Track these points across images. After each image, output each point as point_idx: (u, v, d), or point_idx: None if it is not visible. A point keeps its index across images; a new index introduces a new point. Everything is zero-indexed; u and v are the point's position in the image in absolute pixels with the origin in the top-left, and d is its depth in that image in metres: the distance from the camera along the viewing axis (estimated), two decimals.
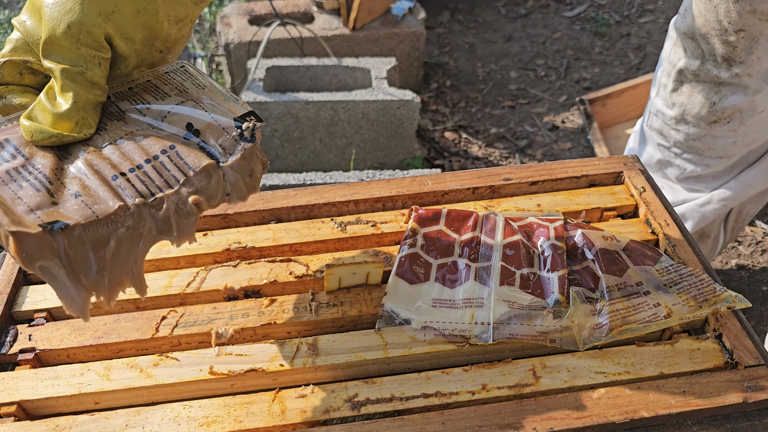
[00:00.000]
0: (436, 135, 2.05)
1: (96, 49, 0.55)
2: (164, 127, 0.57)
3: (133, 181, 0.53)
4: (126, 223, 0.52)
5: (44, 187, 0.51)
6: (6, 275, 0.71)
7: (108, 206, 0.51)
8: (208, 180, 0.55)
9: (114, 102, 0.59)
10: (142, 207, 0.52)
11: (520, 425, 0.57)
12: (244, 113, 0.57)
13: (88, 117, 0.56)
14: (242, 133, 0.56)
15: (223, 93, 0.60)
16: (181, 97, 0.58)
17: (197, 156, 0.55)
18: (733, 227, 1.34)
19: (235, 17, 2.06)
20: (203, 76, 0.61)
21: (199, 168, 0.54)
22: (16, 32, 0.59)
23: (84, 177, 0.53)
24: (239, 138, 0.56)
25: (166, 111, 0.58)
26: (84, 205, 0.51)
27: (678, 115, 1.18)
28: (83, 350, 0.65)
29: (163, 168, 0.54)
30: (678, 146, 1.22)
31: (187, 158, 0.55)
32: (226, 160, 0.56)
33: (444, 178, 0.82)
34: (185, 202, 0.54)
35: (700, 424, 0.59)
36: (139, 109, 0.58)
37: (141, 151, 0.55)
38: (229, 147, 0.56)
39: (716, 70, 1.09)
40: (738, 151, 1.19)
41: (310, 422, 0.58)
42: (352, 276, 0.68)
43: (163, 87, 0.60)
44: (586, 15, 2.57)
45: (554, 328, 0.63)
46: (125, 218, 0.52)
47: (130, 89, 0.60)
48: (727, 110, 1.12)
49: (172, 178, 0.54)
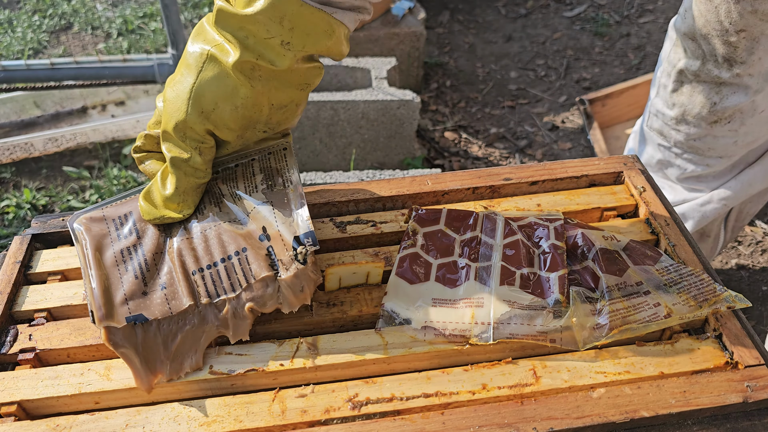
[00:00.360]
0: (436, 135, 2.05)
1: (199, 141, 0.64)
2: (247, 222, 0.65)
3: (206, 278, 0.62)
4: (193, 321, 0.61)
5: (142, 274, 0.63)
6: (6, 275, 0.71)
7: (182, 303, 0.61)
8: (265, 290, 0.61)
9: (216, 182, 0.69)
10: (208, 307, 0.61)
11: (520, 425, 0.57)
12: (305, 232, 0.63)
13: (189, 199, 0.66)
14: (296, 255, 0.62)
15: (299, 197, 0.65)
16: (265, 196, 0.66)
17: (260, 264, 0.62)
18: (733, 227, 1.34)
19: None
20: (293, 169, 0.67)
21: (260, 277, 0.61)
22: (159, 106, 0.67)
23: (172, 268, 0.63)
24: (294, 258, 0.62)
25: (252, 207, 0.66)
26: (165, 300, 0.61)
27: (678, 116, 1.18)
28: (83, 350, 0.65)
29: (233, 270, 0.62)
30: (678, 146, 1.22)
31: (252, 264, 0.62)
32: (282, 274, 0.61)
33: (444, 178, 0.82)
34: (242, 306, 0.61)
35: (700, 424, 0.59)
36: (233, 197, 0.67)
37: (220, 248, 0.63)
38: (287, 263, 0.62)
39: (717, 70, 1.09)
40: (738, 150, 1.18)
41: (310, 422, 0.58)
42: (352, 276, 0.68)
43: (256, 177, 0.68)
44: (586, 15, 2.57)
45: (554, 328, 0.63)
46: (193, 316, 0.61)
47: (233, 168, 0.69)
48: (728, 110, 1.12)
49: (236, 281, 0.62)
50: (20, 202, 1.79)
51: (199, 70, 0.62)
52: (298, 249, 0.62)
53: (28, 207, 1.79)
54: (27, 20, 2.62)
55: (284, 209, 0.65)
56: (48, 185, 1.87)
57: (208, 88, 0.62)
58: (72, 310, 0.69)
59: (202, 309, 0.61)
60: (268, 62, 0.61)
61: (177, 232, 0.66)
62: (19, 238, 0.75)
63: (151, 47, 2.44)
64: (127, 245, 0.65)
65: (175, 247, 0.64)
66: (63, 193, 1.84)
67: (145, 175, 0.71)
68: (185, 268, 0.63)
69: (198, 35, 0.63)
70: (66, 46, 2.50)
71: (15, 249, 0.74)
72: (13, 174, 1.91)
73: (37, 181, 1.89)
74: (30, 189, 1.83)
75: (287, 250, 0.62)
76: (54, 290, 0.70)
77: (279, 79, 0.63)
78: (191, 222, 0.66)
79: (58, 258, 0.74)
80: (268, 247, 0.63)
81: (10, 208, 1.78)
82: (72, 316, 0.69)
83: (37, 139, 1.89)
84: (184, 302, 0.61)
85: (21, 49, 2.45)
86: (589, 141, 1.96)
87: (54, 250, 0.75)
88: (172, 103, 0.63)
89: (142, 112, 2.01)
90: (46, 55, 2.45)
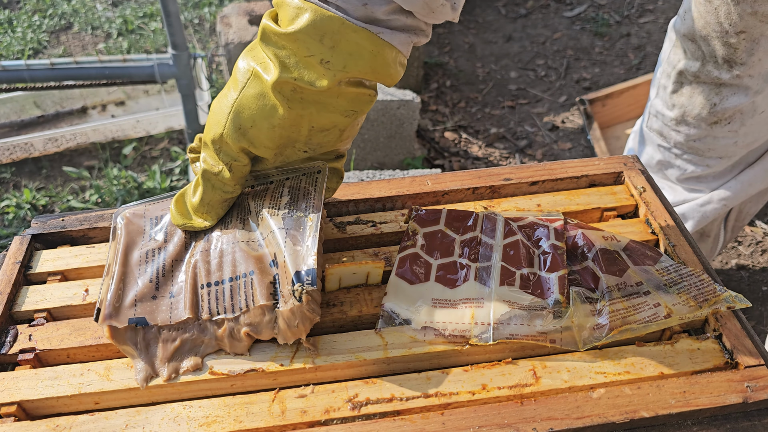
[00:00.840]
0: (436, 135, 2.05)
1: (232, 158, 0.64)
2: (263, 244, 0.65)
3: (211, 294, 0.64)
4: (192, 331, 0.62)
5: (157, 278, 0.65)
6: (6, 275, 0.71)
7: (182, 315, 0.62)
8: (262, 317, 0.61)
9: (248, 197, 0.70)
10: (207, 322, 0.62)
11: (520, 425, 0.57)
12: (306, 269, 0.62)
13: (213, 211, 0.67)
14: (293, 291, 0.61)
15: (314, 229, 0.65)
16: (284, 221, 0.66)
17: (262, 292, 0.62)
18: (733, 226, 1.34)
19: (235, 17, 2.06)
20: (320, 196, 0.67)
21: (258, 305, 0.62)
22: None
23: (186, 278, 0.65)
24: (292, 293, 0.61)
25: (269, 230, 0.66)
26: (169, 308, 0.63)
27: (678, 117, 1.18)
28: (83, 350, 0.65)
29: (237, 291, 0.63)
30: (678, 147, 1.22)
31: (255, 289, 0.63)
32: (281, 306, 0.61)
33: (444, 178, 0.82)
34: (239, 330, 0.62)
35: (700, 424, 0.59)
36: (257, 215, 0.68)
37: (232, 266, 0.65)
38: (287, 296, 0.62)
39: (717, 71, 1.09)
40: (738, 151, 1.19)
41: (310, 422, 0.58)
42: (352, 276, 0.68)
43: (283, 198, 0.68)
44: (586, 15, 2.57)
45: (554, 329, 0.63)
46: (193, 327, 0.62)
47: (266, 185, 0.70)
48: (728, 111, 1.12)
49: (238, 303, 0.63)
50: (20, 202, 1.79)
51: (243, 87, 0.61)
52: (296, 286, 0.61)
53: (28, 207, 1.79)
54: (27, 20, 2.62)
55: (296, 239, 0.64)
56: (48, 185, 1.87)
57: (248, 105, 0.61)
58: (72, 311, 0.69)
59: (201, 323, 0.62)
60: (308, 83, 0.58)
61: (199, 243, 0.67)
62: (19, 239, 0.75)
63: (151, 47, 2.44)
64: (153, 247, 0.67)
65: (193, 259, 0.66)
66: (63, 193, 1.84)
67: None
68: (195, 281, 0.64)
69: (249, 51, 0.63)
70: (66, 46, 2.50)
71: (15, 249, 0.74)
72: (13, 174, 1.91)
73: (37, 181, 1.89)
74: (30, 189, 1.83)
75: (288, 283, 0.62)
76: (54, 290, 0.70)
77: (321, 102, 0.61)
78: (213, 234, 0.68)
79: (58, 258, 0.74)
80: (275, 275, 0.63)
81: (10, 208, 1.78)
82: (72, 317, 0.69)
83: (37, 139, 1.89)
84: (185, 314, 0.62)
85: (21, 49, 2.45)
86: (589, 141, 1.97)
87: (54, 251, 0.75)
88: (215, 116, 0.63)
89: (142, 112, 2.02)
90: (46, 55, 2.45)
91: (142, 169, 1.89)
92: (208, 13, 2.62)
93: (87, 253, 0.74)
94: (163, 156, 1.95)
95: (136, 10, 2.66)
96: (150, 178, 1.81)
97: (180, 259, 0.66)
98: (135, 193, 1.79)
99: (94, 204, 1.78)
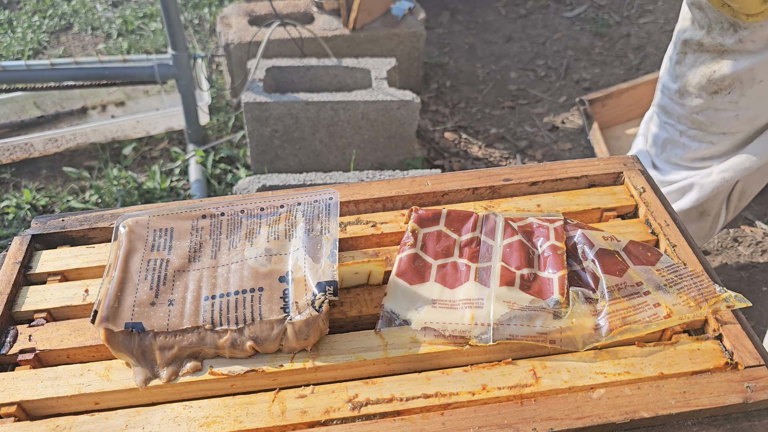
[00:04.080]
0: (436, 135, 2.05)
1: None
2: (274, 260, 0.67)
3: (215, 306, 0.64)
4: (191, 339, 0.62)
5: (157, 286, 0.65)
6: (6, 275, 0.71)
7: (181, 323, 0.63)
8: (270, 331, 0.62)
9: (259, 222, 0.71)
10: (208, 332, 0.62)
11: (519, 426, 0.57)
12: (328, 280, 0.64)
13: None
14: (314, 301, 0.62)
15: (332, 245, 0.67)
16: (301, 241, 0.67)
17: (271, 307, 0.63)
18: (735, 206, 1.36)
19: (235, 18, 2.06)
20: (334, 220, 0.70)
21: (267, 319, 0.62)
22: None
23: (186, 288, 0.65)
24: (311, 303, 0.62)
25: (285, 249, 0.67)
26: (167, 315, 0.63)
27: (681, 87, 1.21)
28: (83, 351, 0.65)
29: (242, 304, 0.64)
30: (682, 122, 1.24)
31: (263, 305, 0.63)
32: (293, 317, 0.62)
33: (444, 179, 0.82)
34: (243, 342, 0.62)
35: (700, 425, 0.59)
36: (271, 235, 0.69)
37: (240, 281, 0.65)
38: (302, 306, 0.63)
39: (721, 37, 1.12)
40: (741, 126, 1.20)
41: (309, 423, 0.58)
42: (354, 276, 0.68)
43: (298, 221, 0.70)
44: (586, 15, 2.57)
45: (554, 329, 0.63)
46: (191, 336, 0.62)
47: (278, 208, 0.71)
48: (727, 79, 1.14)
49: (242, 316, 0.63)
50: (20, 202, 1.79)
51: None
52: (318, 295, 0.63)
53: (28, 207, 1.79)
54: (27, 21, 2.62)
55: (315, 255, 0.66)
56: (48, 186, 1.87)
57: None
58: (72, 311, 0.69)
59: (201, 332, 0.63)
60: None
61: (206, 259, 0.68)
62: (19, 239, 0.75)
63: (151, 47, 2.44)
64: (156, 257, 0.68)
65: (198, 273, 0.67)
66: (63, 193, 1.84)
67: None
68: (199, 293, 0.65)
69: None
70: (66, 46, 2.50)
71: (15, 249, 0.74)
72: (13, 174, 1.91)
73: (37, 181, 1.89)
74: (30, 189, 1.83)
75: (307, 292, 0.63)
76: (54, 291, 0.70)
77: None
78: (221, 252, 0.69)
79: (58, 258, 0.74)
80: (285, 289, 0.64)
81: (10, 208, 1.78)
82: (72, 317, 0.69)
83: (37, 139, 1.89)
84: (184, 323, 0.63)
85: (21, 50, 2.45)
86: (589, 141, 1.97)
87: (54, 251, 0.75)
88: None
89: (141, 113, 2.01)
90: (46, 55, 2.45)
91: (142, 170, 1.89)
92: (208, 13, 2.62)
93: (87, 254, 0.74)
94: (163, 156, 1.95)
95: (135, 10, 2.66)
96: (150, 178, 1.81)
97: (184, 271, 0.67)
98: (135, 193, 1.79)
99: (94, 204, 1.78)
